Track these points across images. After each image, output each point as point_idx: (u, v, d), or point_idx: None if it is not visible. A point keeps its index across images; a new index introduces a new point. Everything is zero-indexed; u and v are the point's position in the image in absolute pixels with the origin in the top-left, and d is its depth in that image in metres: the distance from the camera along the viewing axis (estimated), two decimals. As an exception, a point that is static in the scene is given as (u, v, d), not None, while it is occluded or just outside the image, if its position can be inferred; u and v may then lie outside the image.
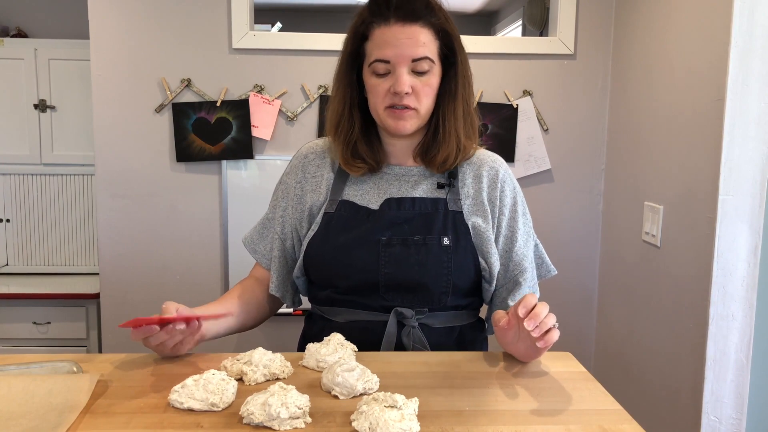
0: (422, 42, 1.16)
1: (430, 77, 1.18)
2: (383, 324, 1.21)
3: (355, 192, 1.26)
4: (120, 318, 2.28)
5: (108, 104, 2.21)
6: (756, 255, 1.59)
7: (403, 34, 1.15)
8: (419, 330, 1.21)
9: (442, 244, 1.20)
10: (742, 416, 1.63)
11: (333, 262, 1.22)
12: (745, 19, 1.53)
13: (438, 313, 1.23)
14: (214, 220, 2.27)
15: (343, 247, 1.21)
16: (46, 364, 1.02)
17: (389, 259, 1.20)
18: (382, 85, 1.18)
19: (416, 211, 1.23)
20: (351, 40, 1.22)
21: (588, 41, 2.25)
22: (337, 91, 1.26)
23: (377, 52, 1.17)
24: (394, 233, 1.21)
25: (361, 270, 1.20)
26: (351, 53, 1.22)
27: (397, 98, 1.17)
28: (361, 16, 1.21)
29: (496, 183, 1.27)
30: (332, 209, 1.25)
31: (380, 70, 1.17)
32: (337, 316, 1.24)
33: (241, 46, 2.19)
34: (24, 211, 2.75)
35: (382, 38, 1.16)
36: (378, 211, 1.23)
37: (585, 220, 2.34)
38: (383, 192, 1.26)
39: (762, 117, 1.55)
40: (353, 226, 1.23)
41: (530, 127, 2.26)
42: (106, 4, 2.17)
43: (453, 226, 1.22)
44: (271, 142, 2.24)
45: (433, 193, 1.25)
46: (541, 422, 0.89)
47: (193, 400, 0.90)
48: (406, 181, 1.27)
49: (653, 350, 1.90)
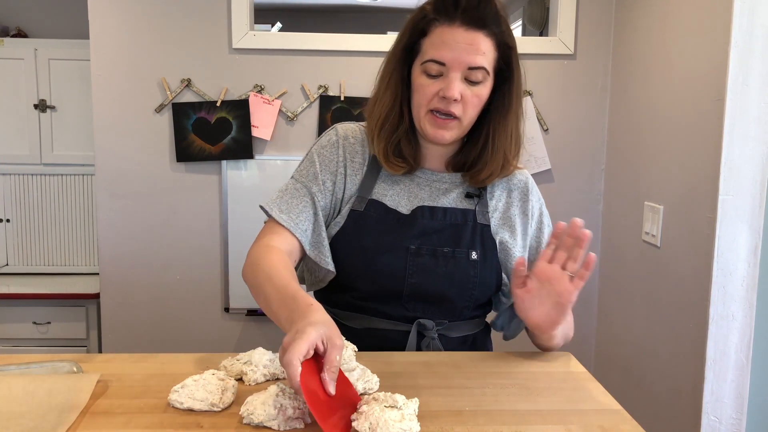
0: (482, 51, 1.10)
1: (482, 88, 1.13)
2: (401, 333, 1.18)
3: (384, 192, 1.22)
4: (120, 318, 2.29)
5: (108, 104, 2.21)
6: (756, 255, 1.59)
7: (465, 38, 1.10)
8: (438, 341, 1.20)
9: (470, 258, 1.18)
10: (742, 416, 1.63)
11: (358, 264, 1.18)
12: (745, 19, 1.53)
13: (456, 324, 1.22)
14: (214, 220, 2.27)
15: (371, 250, 1.17)
16: (46, 364, 1.02)
17: (417, 268, 1.17)
18: (431, 87, 1.12)
19: (447, 221, 1.20)
20: (408, 33, 1.16)
21: (588, 41, 2.25)
22: (387, 85, 1.19)
23: (434, 52, 1.11)
24: (423, 243, 1.17)
25: (388, 276, 1.17)
26: (405, 47, 1.16)
27: (443, 103, 1.12)
28: (423, 11, 1.14)
29: (525, 196, 1.25)
30: (360, 207, 1.20)
31: (432, 71, 1.12)
32: (353, 322, 1.21)
33: (241, 46, 2.19)
34: (24, 211, 2.75)
35: (441, 38, 1.11)
36: (409, 218, 1.19)
37: (585, 220, 2.31)
38: (413, 196, 1.22)
39: (762, 117, 1.55)
40: (382, 230, 1.18)
41: (530, 127, 2.26)
42: (106, 4, 2.17)
43: (481, 240, 1.20)
44: (271, 142, 2.24)
45: (462, 203, 1.22)
46: (541, 422, 0.89)
47: (193, 400, 0.90)
48: (437, 188, 1.23)
49: (653, 350, 1.90)
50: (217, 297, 2.31)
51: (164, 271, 2.28)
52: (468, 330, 1.25)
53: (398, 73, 1.18)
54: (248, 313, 2.30)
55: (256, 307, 2.28)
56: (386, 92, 1.19)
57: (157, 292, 2.29)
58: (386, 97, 1.19)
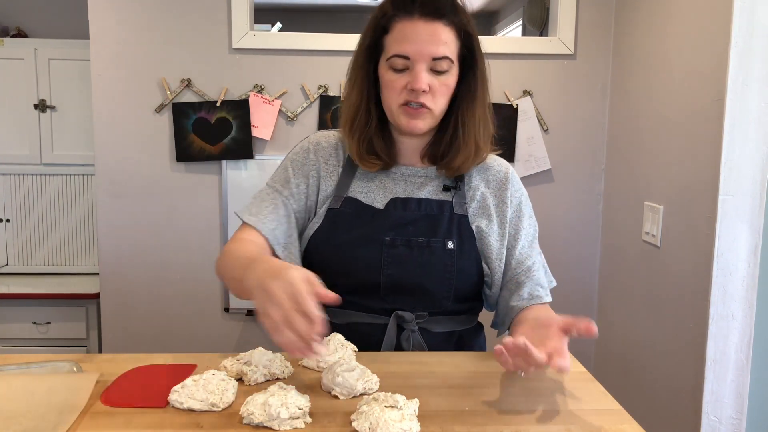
0: (444, 41, 1.13)
1: (448, 77, 1.16)
2: (382, 327, 1.20)
3: (360, 189, 1.24)
4: (120, 318, 2.29)
5: (108, 104, 2.21)
6: (756, 255, 1.59)
7: (425, 30, 1.12)
8: (419, 334, 1.20)
9: (446, 248, 1.19)
10: (742, 416, 1.63)
11: (335, 260, 1.20)
12: (745, 19, 1.53)
13: (438, 318, 1.22)
14: (214, 220, 2.27)
15: (346, 245, 1.20)
16: (46, 364, 1.02)
17: (392, 260, 1.18)
18: (399, 81, 1.15)
19: (421, 212, 1.22)
20: (370, 32, 1.19)
21: (588, 41, 2.25)
22: (354, 85, 1.22)
23: (397, 47, 1.14)
24: (398, 234, 1.19)
25: (363, 269, 1.19)
26: (369, 46, 1.19)
27: (413, 95, 1.14)
28: (382, 9, 1.17)
29: (502, 185, 1.26)
30: (336, 206, 1.23)
31: (398, 66, 1.14)
32: (335, 318, 1.22)
33: (241, 46, 2.19)
34: (24, 211, 2.75)
35: (403, 33, 1.13)
36: (383, 211, 1.22)
37: (585, 220, 2.34)
38: (389, 191, 1.24)
39: (762, 117, 1.55)
40: (357, 224, 1.21)
41: (530, 127, 2.26)
42: (106, 4, 2.17)
43: (458, 230, 1.21)
44: (271, 142, 2.24)
45: (439, 195, 1.24)
46: (541, 422, 0.89)
47: (193, 400, 0.90)
48: (413, 182, 1.25)
49: (653, 350, 1.90)
50: (217, 297, 2.31)
51: (164, 271, 2.28)
52: (453, 326, 1.25)
53: (364, 72, 1.21)
54: (248, 313, 2.30)
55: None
56: (353, 91, 1.23)
57: (157, 292, 2.29)
58: (353, 96, 1.22)
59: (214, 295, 2.31)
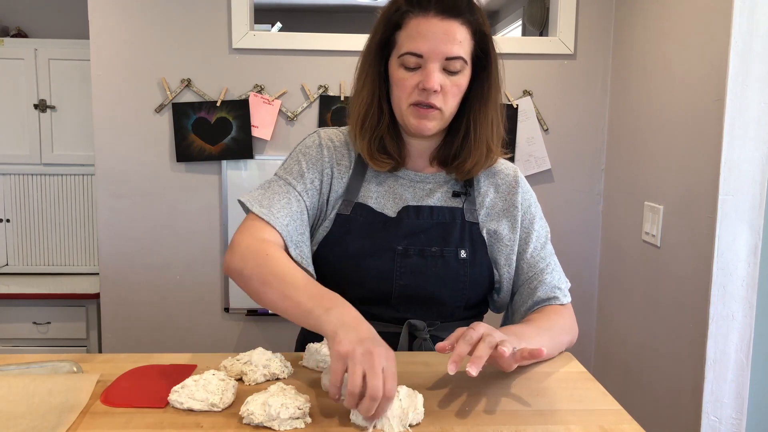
0: (459, 40, 1.09)
1: (461, 78, 1.12)
2: (392, 335, 1.17)
3: (369, 195, 1.21)
4: (120, 318, 2.29)
5: (108, 104, 2.21)
6: (756, 255, 1.59)
7: (440, 28, 1.08)
8: (430, 342, 1.18)
9: (459, 257, 1.17)
10: (742, 416, 1.63)
11: (346, 269, 1.17)
12: (745, 19, 1.53)
13: (448, 324, 1.20)
14: (214, 220, 2.27)
15: (358, 254, 1.16)
16: (46, 364, 1.02)
17: (405, 269, 1.16)
18: (410, 80, 1.11)
19: (434, 220, 1.19)
20: (382, 27, 1.14)
21: (588, 41, 2.25)
22: (365, 82, 1.17)
23: (410, 44, 1.09)
24: (411, 243, 1.16)
25: (375, 279, 1.16)
26: (380, 42, 1.14)
27: (424, 95, 1.10)
28: (395, 4, 1.13)
29: (512, 189, 1.24)
30: (347, 211, 1.19)
31: (410, 64, 1.10)
32: None
33: (241, 46, 2.19)
34: (24, 211, 2.75)
35: (417, 30, 1.09)
36: (395, 219, 1.18)
37: (585, 220, 2.34)
38: (398, 197, 1.21)
39: (762, 117, 1.55)
40: (369, 232, 1.17)
41: (530, 127, 2.26)
42: (106, 4, 2.17)
43: (470, 238, 1.19)
44: (271, 142, 2.24)
45: (449, 202, 1.21)
46: (541, 422, 0.89)
47: (193, 400, 0.90)
48: (422, 188, 1.22)
49: (653, 350, 1.90)
50: (217, 297, 2.31)
51: (164, 271, 2.28)
52: None
53: (375, 69, 1.16)
54: (248, 313, 2.30)
55: (256, 307, 2.28)
56: (363, 89, 1.18)
57: (157, 292, 2.29)
58: (364, 94, 1.18)
59: (214, 295, 2.31)
